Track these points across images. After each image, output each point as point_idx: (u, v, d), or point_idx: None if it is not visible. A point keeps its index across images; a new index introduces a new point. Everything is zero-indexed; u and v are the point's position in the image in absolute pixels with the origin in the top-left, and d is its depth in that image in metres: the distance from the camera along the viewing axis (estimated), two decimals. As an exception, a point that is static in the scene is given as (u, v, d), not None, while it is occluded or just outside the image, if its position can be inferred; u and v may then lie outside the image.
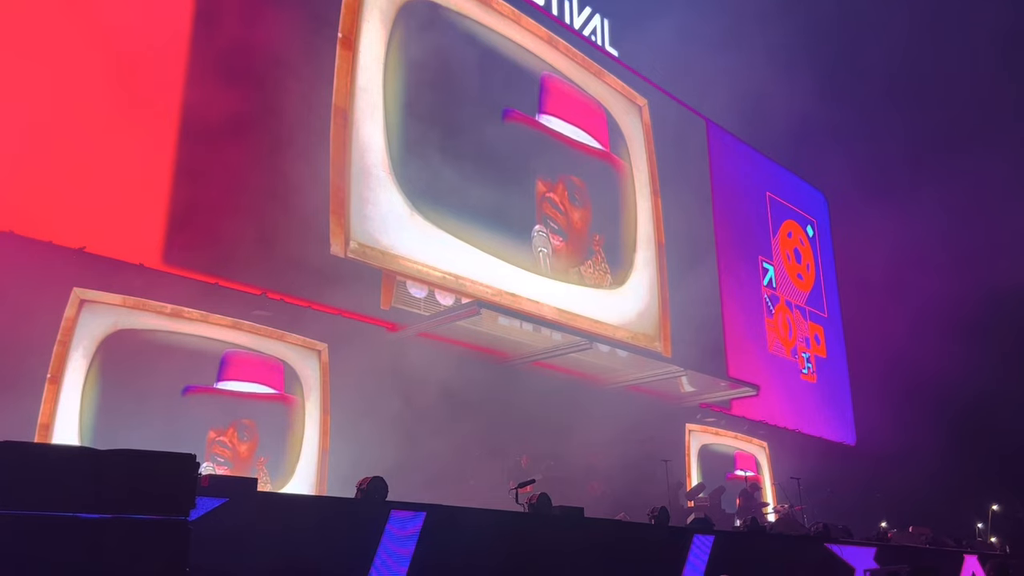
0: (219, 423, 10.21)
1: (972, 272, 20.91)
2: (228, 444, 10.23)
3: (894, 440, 20.80)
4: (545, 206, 14.77)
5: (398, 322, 12.18)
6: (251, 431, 10.46)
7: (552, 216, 14.81)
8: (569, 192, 15.22)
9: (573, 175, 15.45)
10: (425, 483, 9.61)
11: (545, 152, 15.12)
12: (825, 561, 10.24)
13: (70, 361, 9.14)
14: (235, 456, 10.26)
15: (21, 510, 3.90)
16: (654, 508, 8.91)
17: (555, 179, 15.01)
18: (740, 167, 20.78)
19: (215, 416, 10.20)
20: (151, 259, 9.81)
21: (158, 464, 4.35)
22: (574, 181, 15.41)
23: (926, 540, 13.05)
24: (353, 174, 11.81)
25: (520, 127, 14.66)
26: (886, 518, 17.34)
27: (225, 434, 10.23)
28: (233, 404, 10.42)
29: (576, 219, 15.33)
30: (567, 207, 15.13)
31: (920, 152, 21.16)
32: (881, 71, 20.69)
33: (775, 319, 20.36)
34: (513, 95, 14.80)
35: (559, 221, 14.91)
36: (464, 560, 6.62)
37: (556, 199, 14.96)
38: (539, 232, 14.47)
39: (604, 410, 14.34)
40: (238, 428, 10.35)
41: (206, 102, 10.40)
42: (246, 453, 10.39)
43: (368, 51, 12.49)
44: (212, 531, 4.94)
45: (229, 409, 10.36)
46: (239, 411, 10.44)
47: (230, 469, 10.05)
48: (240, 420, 10.40)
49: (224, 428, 10.24)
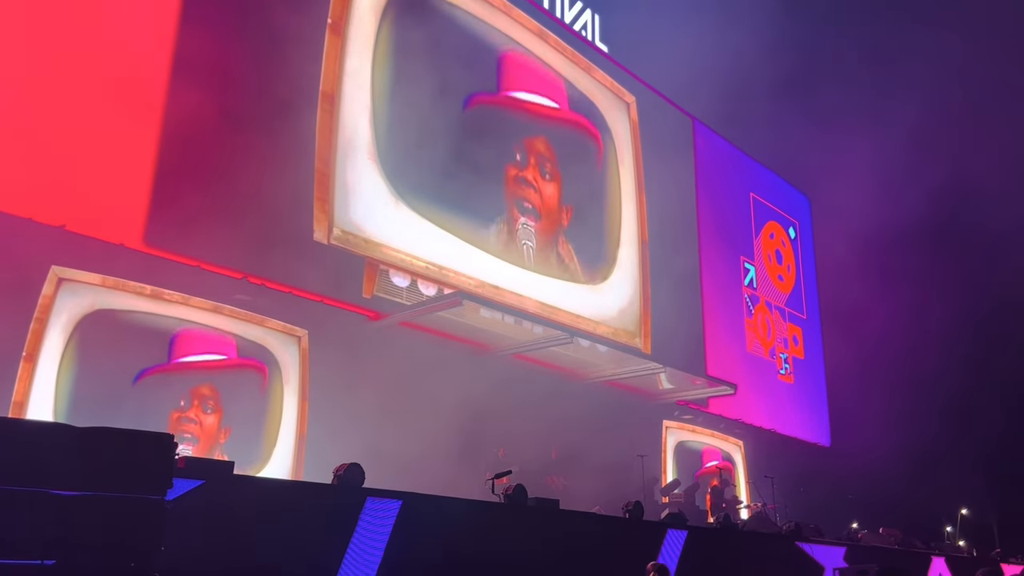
0: (179, 400, 10.10)
1: (951, 279, 21.16)
2: (194, 419, 10.15)
3: (868, 443, 21.05)
4: (518, 188, 14.60)
5: (380, 311, 12.17)
6: (214, 401, 10.36)
7: (525, 197, 14.65)
8: (539, 166, 15.02)
9: (540, 145, 15.20)
10: (402, 471, 9.61)
11: (511, 130, 14.86)
12: (796, 559, 10.36)
13: (46, 340, 9.06)
14: (201, 430, 10.18)
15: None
16: (629, 502, 8.98)
17: (525, 159, 14.84)
18: (725, 167, 20.89)
19: (175, 394, 10.07)
20: (132, 240, 9.73)
21: (136, 442, 4.34)
22: (543, 154, 15.18)
23: (895, 541, 13.24)
24: (338, 161, 11.77)
25: (484, 109, 14.39)
26: (857, 519, 17.57)
27: (189, 410, 10.14)
28: (188, 377, 10.26)
29: (548, 194, 15.16)
30: (539, 183, 14.95)
31: (902, 154, 21.31)
32: (868, 71, 20.84)
33: (755, 319, 20.51)
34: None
35: (532, 201, 14.76)
36: (439, 549, 6.65)
37: (528, 177, 14.79)
38: (524, 225, 14.48)
39: (583, 404, 14.41)
40: (200, 401, 10.25)
41: (192, 83, 10.32)
42: (212, 426, 10.31)
43: (357, 38, 12.44)
44: (188, 512, 4.94)
45: (186, 383, 10.21)
46: (197, 382, 10.31)
47: (196, 446, 9.99)
48: (199, 390, 10.27)
49: (187, 405, 10.15)
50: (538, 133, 15.23)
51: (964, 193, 21.07)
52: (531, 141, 15.07)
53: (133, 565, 4.18)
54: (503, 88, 14.83)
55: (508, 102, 14.87)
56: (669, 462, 17.41)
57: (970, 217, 21.86)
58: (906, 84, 21.09)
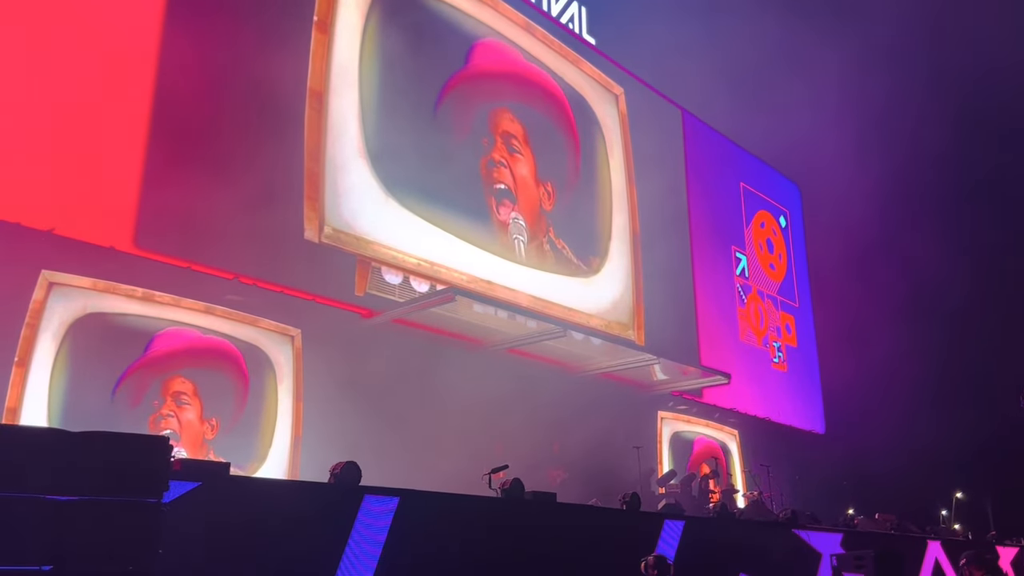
0: (152, 402, 9.93)
1: (942, 262, 21.23)
2: (169, 413, 10.00)
3: (862, 429, 21.16)
4: (489, 173, 14.38)
5: (372, 308, 12.15)
6: (188, 394, 10.21)
7: (497, 179, 14.47)
8: (505, 144, 14.74)
9: (504, 121, 14.89)
10: (398, 468, 9.61)
11: (477, 108, 14.54)
12: (793, 547, 10.40)
13: (38, 344, 9.01)
14: (180, 424, 10.05)
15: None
16: (626, 494, 8.99)
17: (492, 142, 14.57)
18: (715, 157, 20.91)
19: (149, 396, 9.91)
20: (122, 242, 9.69)
21: (131, 446, 4.33)
22: (507, 131, 14.88)
23: (891, 526, 13.31)
24: (328, 158, 11.74)
25: (453, 95, 14.02)
26: (853, 505, 17.65)
27: (163, 407, 10.01)
28: (156, 374, 10.02)
29: (520, 173, 14.91)
30: (508, 160, 14.70)
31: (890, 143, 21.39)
32: (855, 60, 20.87)
33: (747, 308, 20.56)
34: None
35: (505, 181, 14.57)
36: (437, 545, 6.66)
37: (496, 158, 14.54)
38: (516, 220, 14.47)
39: (578, 397, 14.43)
40: (173, 397, 10.10)
41: (179, 84, 10.28)
42: (193, 420, 10.19)
43: (344, 34, 12.39)
44: (184, 514, 4.93)
45: (155, 381, 9.99)
46: (166, 377, 10.11)
47: (179, 442, 9.92)
48: (170, 386, 10.10)
49: (160, 403, 10.01)
50: (501, 104, 14.92)
51: (959, 168, 21.20)
52: (496, 119, 14.80)
53: (131, 569, 4.17)
54: (464, 69, 14.56)
55: (470, 74, 14.54)
56: (665, 453, 17.45)
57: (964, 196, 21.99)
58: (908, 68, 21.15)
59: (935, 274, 21.12)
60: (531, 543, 7.41)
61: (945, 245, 21.46)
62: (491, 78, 14.99)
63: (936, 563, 12.47)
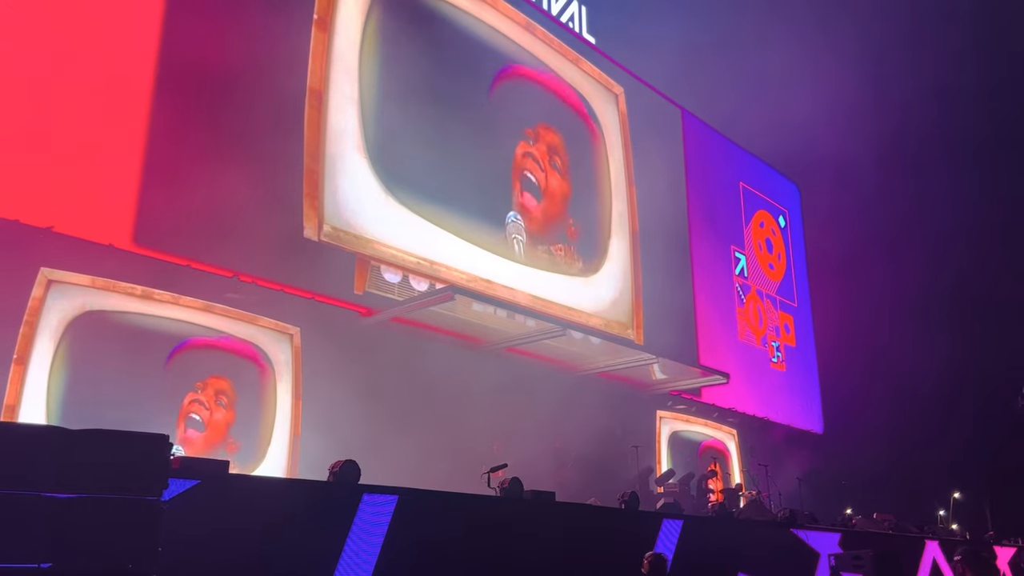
0: (196, 382, 10.17)
1: (940, 263, 21.26)
2: (205, 404, 10.15)
3: (861, 429, 21.17)
4: (525, 161, 14.76)
5: (372, 307, 12.14)
6: (228, 398, 10.37)
7: (531, 171, 14.80)
8: (549, 152, 15.21)
9: (554, 137, 15.49)
10: (397, 467, 9.61)
11: (527, 105, 15.21)
12: (791, 546, 10.40)
13: (37, 342, 9.00)
14: (211, 418, 10.17)
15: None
16: (624, 493, 8.99)
17: (536, 138, 15.03)
18: (714, 156, 20.91)
19: (194, 375, 10.17)
20: (121, 240, 9.68)
21: (130, 444, 4.32)
22: (555, 146, 15.43)
23: (889, 526, 13.32)
24: (327, 157, 11.73)
25: (509, 85, 14.62)
26: (851, 505, 17.67)
27: (202, 394, 10.15)
28: (210, 359, 10.38)
29: (554, 186, 15.29)
30: (547, 167, 15.11)
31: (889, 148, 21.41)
32: (860, 61, 20.88)
33: (746, 308, 20.57)
34: (489, 80, 14.74)
35: (537, 177, 14.89)
36: (436, 543, 6.65)
37: (536, 154, 14.96)
38: (513, 219, 14.47)
39: (576, 396, 14.43)
40: (216, 392, 10.26)
41: (178, 82, 10.28)
42: (221, 423, 10.30)
43: (344, 33, 12.38)
44: (184, 512, 4.92)
45: (206, 367, 10.32)
46: (217, 371, 10.42)
47: (201, 434, 9.98)
48: (218, 382, 10.33)
49: (203, 388, 10.16)
50: (551, 123, 15.55)
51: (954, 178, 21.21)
52: (545, 129, 15.33)
53: (130, 567, 4.17)
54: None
55: (525, 73, 15.20)
56: (664, 452, 17.45)
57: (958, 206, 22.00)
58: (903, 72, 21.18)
59: (934, 273, 21.14)
60: (530, 542, 7.40)
61: (946, 243, 21.50)
62: (543, 81, 15.69)
63: (934, 563, 12.48)
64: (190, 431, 9.94)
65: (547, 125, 15.45)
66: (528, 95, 15.33)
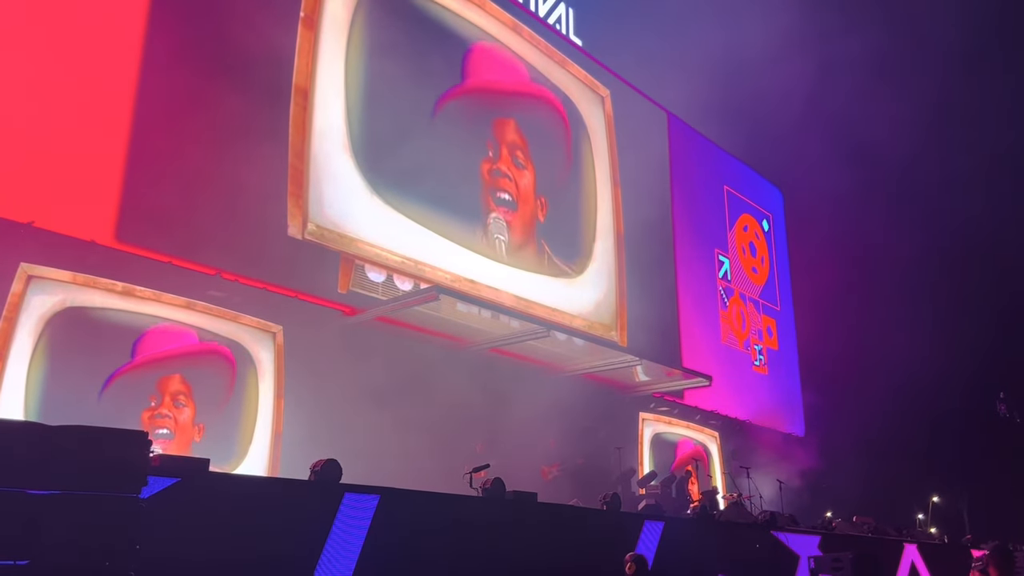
0: (149, 398, 9.92)
1: (922, 269, 21.47)
2: (167, 414, 10.02)
3: (841, 432, 21.32)
4: (493, 181, 14.61)
5: (355, 306, 12.11)
6: (185, 395, 10.22)
7: (501, 187, 14.67)
8: (511, 156, 15.02)
9: (511, 132, 15.18)
10: (379, 466, 9.58)
11: (481, 118, 14.83)
12: (771, 548, 10.47)
13: (16, 338, 8.91)
14: (176, 424, 10.05)
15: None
16: (606, 494, 9.02)
17: (497, 151, 14.83)
18: (699, 160, 21.00)
19: (143, 392, 9.89)
20: (103, 236, 9.60)
21: (109, 441, 4.29)
22: (514, 142, 15.18)
23: (869, 529, 13.41)
24: (312, 155, 11.68)
25: (453, 105, 14.26)
26: (831, 508, 17.79)
27: (161, 406, 10.01)
28: (153, 372, 10.05)
29: (523, 184, 15.19)
30: (514, 173, 14.98)
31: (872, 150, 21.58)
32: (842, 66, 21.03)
33: (729, 311, 20.67)
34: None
35: (508, 190, 14.79)
36: (417, 543, 6.65)
37: (502, 168, 14.82)
38: (496, 219, 14.48)
39: (560, 397, 14.44)
40: (171, 397, 10.09)
41: (162, 78, 10.20)
42: (187, 420, 10.18)
43: (330, 31, 12.34)
44: (163, 510, 4.89)
45: (151, 379, 10.00)
46: (164, 374, 10.14)
47: (172, 440, 9.88)
48: (168, 385, 10.11)
49: (158, 402, 10.00)
50: (507, 115, 15.17)
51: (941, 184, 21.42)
52: (501, 129, 15.03)
53: (108, 564, 4.13)
54: (467, 77, 14.75)
55: (473, 87, 14.77)
56: (646, 454, 17.50)
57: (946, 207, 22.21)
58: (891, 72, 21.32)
59: (916, 278, 21.33)
60: (511, 542, 7.41)
61: (927, 250, 21.69)
62: (497, 88, 15.22)
63: (912, 566, 12.58)
64: (157, 443, 9.78)
65: (501, 119, 15.08)
66: (474, 105, 14.84)
